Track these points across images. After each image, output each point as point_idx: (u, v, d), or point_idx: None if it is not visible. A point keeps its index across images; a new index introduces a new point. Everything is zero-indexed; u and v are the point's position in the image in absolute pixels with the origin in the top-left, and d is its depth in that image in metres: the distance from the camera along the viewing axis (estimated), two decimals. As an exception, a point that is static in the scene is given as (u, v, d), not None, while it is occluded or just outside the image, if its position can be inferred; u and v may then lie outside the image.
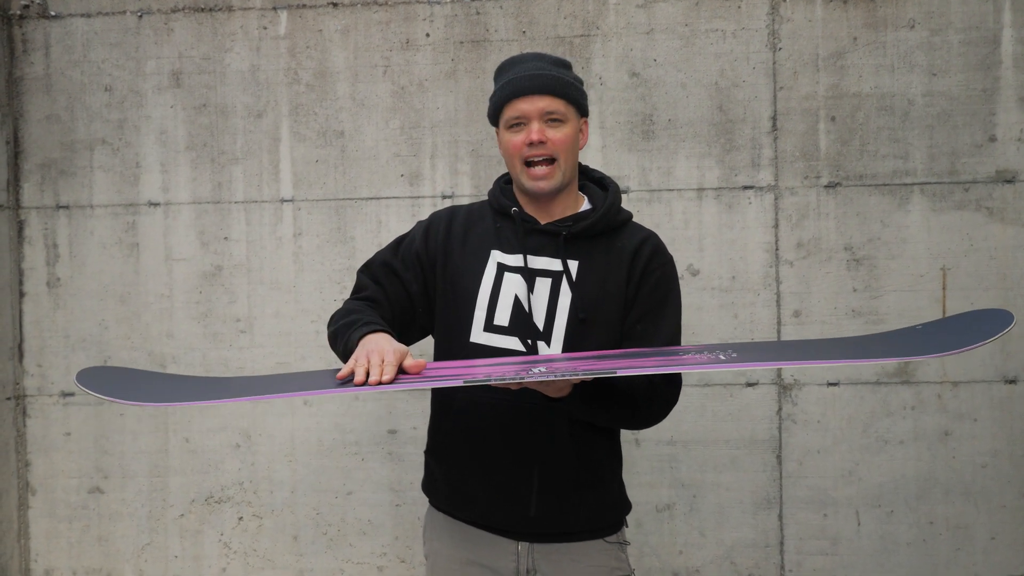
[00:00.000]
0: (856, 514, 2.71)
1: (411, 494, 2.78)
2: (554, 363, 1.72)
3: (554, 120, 1.86)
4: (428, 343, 2.01)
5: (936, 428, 2.69)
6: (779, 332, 2.70)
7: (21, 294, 2.88)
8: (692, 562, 2.75)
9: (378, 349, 1.68)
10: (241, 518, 2.84)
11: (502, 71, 1.92)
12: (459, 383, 1.62)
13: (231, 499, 2.84)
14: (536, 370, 1.63)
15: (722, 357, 1.69)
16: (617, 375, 1.61)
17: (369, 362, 1.66)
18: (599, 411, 1.82)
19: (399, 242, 2.00)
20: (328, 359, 2.76)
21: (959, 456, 2.69)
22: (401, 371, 1.67)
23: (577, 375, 1.59)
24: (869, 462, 2.70)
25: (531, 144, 1.85)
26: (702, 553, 2.75)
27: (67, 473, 2.87)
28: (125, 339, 2.84)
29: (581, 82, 1.93)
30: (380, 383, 1.62)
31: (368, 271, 1.99)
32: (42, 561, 2.89)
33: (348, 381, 1.66)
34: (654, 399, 1.86)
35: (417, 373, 1.68)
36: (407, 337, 1.97)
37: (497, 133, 1.94)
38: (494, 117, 1.93)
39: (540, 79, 1.85)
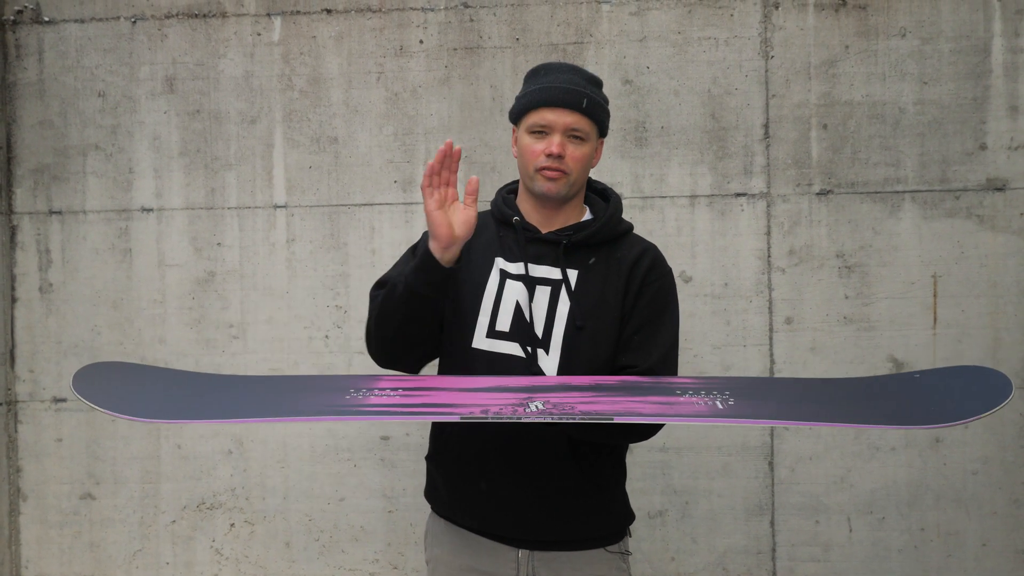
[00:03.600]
0: (848, 520, 2.72)
1: (404, 500, 2.78)
2: (551, 393, 1.73)
3: (576, 137, 1.88)
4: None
5: (927, 435, 2.70)
6: (771, 339, 2.71)
7: (13, 300, 2.87)
8: (684, 568, 2.75)
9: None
10: (233, 524, 2.83)
11: (536, 75, 1.93)
12: (455, 419, 1.62)
13: (223, 505, 2.83)
14: (534, 405, 1.64)
15: (719, 405, 1.70)
16: (613, 421, 1.62)
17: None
18: (597, 431, 1.82)
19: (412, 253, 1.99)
20: (319, 366, 2.77)
21: (950, 463, 2.70)
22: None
23: (574, 420, 1.61)
24: (861, 469, 2.71)
25: (549, 155, 1.87)
26: (694, 560, 2.75)
27: (58, 479, 2.86)
28: (117, 345, 2.83)
29: (607, 101, 1.95)
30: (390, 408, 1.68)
31: (387, 278, 1.95)
32: (33, 568, 2.88)
33: (352, 409, 1.67)
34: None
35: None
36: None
37: (514, 131, 1.96)
38: (516, 117, 1.94)
39: (573, 94, 1.87)
